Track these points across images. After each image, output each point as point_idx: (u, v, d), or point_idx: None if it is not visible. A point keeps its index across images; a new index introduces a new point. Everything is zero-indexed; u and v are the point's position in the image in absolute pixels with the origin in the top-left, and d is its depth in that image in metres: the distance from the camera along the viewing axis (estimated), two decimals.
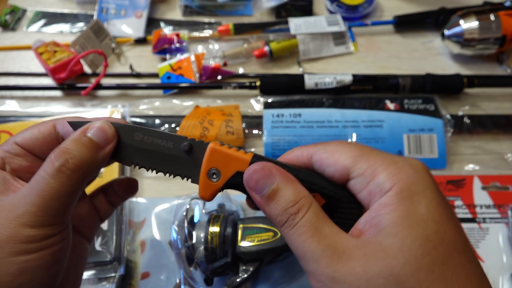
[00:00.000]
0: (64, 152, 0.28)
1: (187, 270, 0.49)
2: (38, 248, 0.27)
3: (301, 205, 0.26)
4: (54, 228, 0.28)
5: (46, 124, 0.32)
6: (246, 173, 0.28)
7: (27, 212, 0.27)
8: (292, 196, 0.26)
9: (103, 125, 0.30)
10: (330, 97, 0.67)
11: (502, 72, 0.72)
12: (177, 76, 0.70)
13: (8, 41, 0.77)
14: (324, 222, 0.25)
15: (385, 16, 0.81)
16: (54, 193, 0.27)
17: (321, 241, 0.24)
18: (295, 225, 0.25)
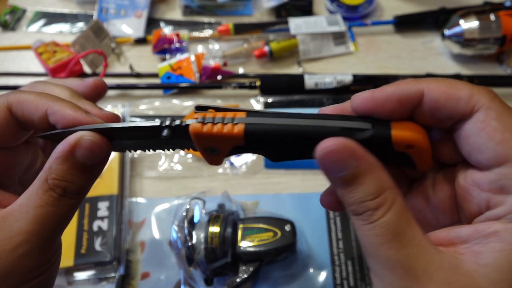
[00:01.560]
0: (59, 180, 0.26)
1: (187, 270, 0.49)
2: (39, 273, 0.26)
3: (382, 201, 0.21)
4: (52, 251, 0.27)
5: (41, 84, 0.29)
6: (320, 151, 0.21)
7: (25, 242, 0.25)
8: (373, 188, 0.21)
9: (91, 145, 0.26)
10: (330, 97, 0.67)
11: (502, 72, 0.72)
12: (177, 76, 0.70)
13: (8, 41, 0.77)
14: (406, 225, 0.21)
15: (385, 16, 0.81)
16: (53, 219, 0.26)
17: (400, 250, 0.20)
18: (371, 223, 0.21)
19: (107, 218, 0.54)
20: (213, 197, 0.56)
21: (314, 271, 0.52)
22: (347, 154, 0.21)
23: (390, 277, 0.20)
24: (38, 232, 0.25)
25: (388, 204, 0.21)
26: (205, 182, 0.60)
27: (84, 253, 0.52)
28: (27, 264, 0.25)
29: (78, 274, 0.52)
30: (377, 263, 0.21)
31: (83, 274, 0.52)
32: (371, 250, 0.21)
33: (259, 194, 0.59)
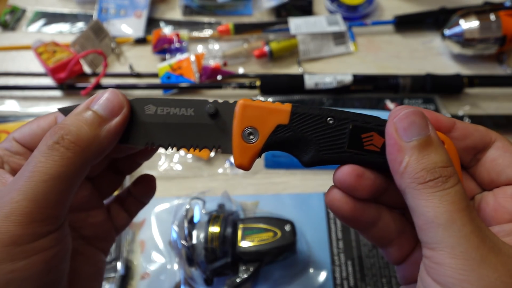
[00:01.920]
0: (60, 128, 0.23)
1: (187, 270, 0.49)
2: (27, 253, 0.21)
3: (453, 172, 0.22)
4: (46, 225, 0.22)
5: (46, 118, 0.27)
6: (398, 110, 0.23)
7: (11, 201, 0.21)
8: (445, 157, 0.22)
9: (109, 94, 0.25)
10: (330, 97, 0.67)
11: (502, 72, 0.72)
12: (177, 76, 0.70)
13: (8, 41, 0.77)
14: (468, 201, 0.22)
15: (385, 16, 0.81)
16: (45, 174, 0.22)
17: (473, 219, 0.21)
18: (444, 189, 0.21)
19: None
20: (213, 197, 0.56)
21: (314, 271, 0.52)
22: (424, 119, 0.23)
23: (465, 245, 0.20)
24: (26, 190, 0.22)
25: (457, 177, 0.22)
26: (205, 182, 0.60)
27: None
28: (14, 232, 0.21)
29: None
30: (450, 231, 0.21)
31: None
32: (444, 217, 0.21)
33: (259, 194, 0.59)
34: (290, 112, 0.25)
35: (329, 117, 0.25)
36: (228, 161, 0.62)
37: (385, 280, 0.51)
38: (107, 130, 0.24)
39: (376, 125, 0.25)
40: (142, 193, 0.34)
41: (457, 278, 0.20)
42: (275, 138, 0.26)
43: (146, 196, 0.35)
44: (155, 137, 0.27)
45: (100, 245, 0.32)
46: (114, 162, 0.32)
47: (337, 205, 0.25)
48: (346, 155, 0.25)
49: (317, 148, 0.25)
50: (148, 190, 0.34)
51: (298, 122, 0.25)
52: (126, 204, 0.34)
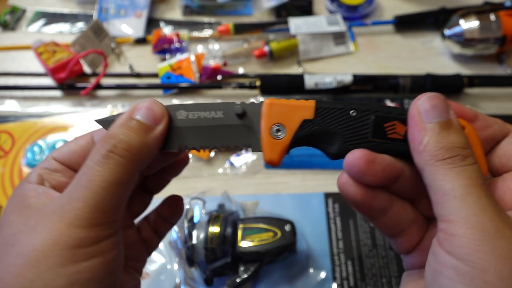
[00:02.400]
0: (111, 137, 0.25)
1: (187, 270, 0.49)
2: (89, 254, 0.23)
3: (470, 153, 0.23)
4: (106, 229, 0.24)
5: (84, 137, 0.29)
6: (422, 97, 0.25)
7: (73, 208, 0.23)
8: (463, 139, 0.24)
9: (150, 104, 0.27)
10: (330, 97, 0.67)
11: (502, 72, 0.72)
12: (177, 76, 0.70)
13: (8, 41, 0.77)
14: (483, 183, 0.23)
15: (385, 16, 0.81)
16: (103, 181, 0.23)
17: (488, 194, 0.22)
18: (461, 166, 0.23)
19: None
20: (213, 197, 0.56)
21: (314, 271, 0.52)
22: (447, 103, 0.24)
23: (481, 216, 0.21)
24: (87, 197, 0.23)
25: (474, 158, 0.23)
26: (205, 182, 0.60)
27: None
28: (78, 234, 0.22)
29: None
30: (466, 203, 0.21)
31: None
32: (460, 190, 0.22)
33: (259, 194, 0.59)
34: (314, 107, 0.27)
35: (351, 110, 0.26)
36: (228, 161, 0.62)
37: (385, 280, 0.51)
38: (154, 137, 0.26)
39: (398, 114, 0.26)
40: (170, 214, 0.35)
41: (471, 248, 0.20)
42: (302, 133, 0.27)
43: (173, 217, 0.35)
44: (188, 140, 0.28)
45: (133, 265, 0.33)
46: (143, 181, 0.33)
47: (348, 189, 0.25)
48: (371, 145, 0.26)
49: (342, 139, 0.27)
50: (175, 210, 0.35)
51: (322, 116, 0.27)
52: (155, 225, 0.35)
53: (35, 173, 0.27)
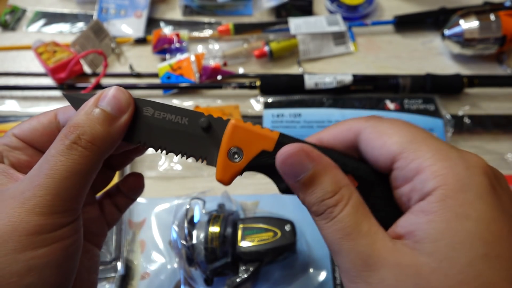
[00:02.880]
0: (75, 127, 0.25)
1: (187, 270, 0.49)
2: (48, 241, 0.23)
3: (340, 197, 0.23)
4: (66, 216, 0.24)
5: (47, 114, 0.29)
6: (279, 156, 0.24)
7: (35, 196, 0.23)
8: (330, 186, 0.23)
9: (116, 92, 0.26)
10: (330, 97, 0.67)
11: (502, 72, 0.72)
12: (177, 76, 0.70)
13: (8, 41, 0.77)
14: (363, 218, 0.23)
15: (385, 16, 0.81)
16: (66, 172, 0.24)
17: (358, 241, 0.22)
18: (332, 219, 0.23)
19: None
20: (213, 197, 0.56)
21: (314, 271, 0.52)
22: (303, 156, 0.23)
23: (353, 270, 0.22)
24: (48, 186, 0.23)
25: (346, 199, 0.23)
26: (205, 182, 0.60)
27: None
28: (37, 221, 0.23)
29: None
30: (342, 258, 0.23)
31: None
32: (335, 246, 0.23)
33: (259, 194, 0.59)
34: (276, 141, 0.26)
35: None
36: None
37: None
38: (118, 127, 0.26)
39: (354, 168, 0.26)
40: (131, 190, 0.35)
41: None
42: (258, 162, 0.27)
43: (134, 193, 0.36)
44: (148, 138, 0.28)
45: (94, 240, 0.33)
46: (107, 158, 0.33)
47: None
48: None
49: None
50: (136, 187, 0.36)
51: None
52: (116, 200, 0.35)
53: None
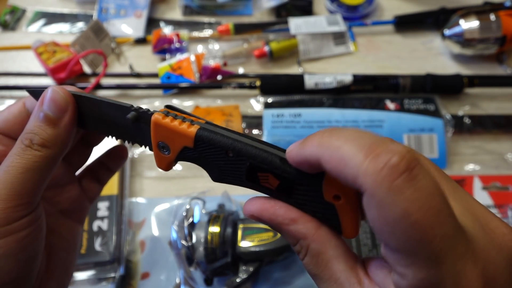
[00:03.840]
0: (28, 134, 0.28)
1: (187, 270, 0.49)
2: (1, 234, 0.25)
3: (299, 248, 0.25)
4: (20, 210, 0.26)
5: (16, 104, 0.31)
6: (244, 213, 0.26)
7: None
8: (289, 238, 0.25)
9: (52, 95, 0.28)
10: (330, 97, 0.67)
11: (502, 72, 0.72)
12: (177, 76, 0.70)
13: (8, 41, 0.77)
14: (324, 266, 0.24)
15: (385, 16, 0.81)
16: (21, 168, 0.26)
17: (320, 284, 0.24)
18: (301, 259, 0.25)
19: (107, 218, 0.54)
20: (213, 197, 0.56)
21: None
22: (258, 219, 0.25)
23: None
24: (4, 180, 0.26)
25: (304, 251, 0.24)
26: (205, 182, 0.60)
27: (84, 253, 0.52)
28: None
29: (78, 274, 0.52)
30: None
31: (83, 274, 0.52)
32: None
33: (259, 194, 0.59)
34: (193, 138, 0.26)
35: (229, 151, 0.26)
36: None
37: None
38: (63, 126, 0.28)
39: (273, 167, 0.25)
40: (114, 162, 0.37)
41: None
42: (184, 156, 0.27)
43: (117, 164, 0.38)
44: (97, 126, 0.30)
45: (76, 217, 0.35)
46: (82, 135, 0.35)
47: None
48: (244, 184, 0.27)
49: (220, 171, 0.27)
50: (119, 158, 0.37)
51: (202, 148, 0.26)
52: (96, 174, 0.37)
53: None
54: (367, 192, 0.18)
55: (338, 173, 0.20)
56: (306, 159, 0.22)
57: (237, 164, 0.26)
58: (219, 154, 0.26)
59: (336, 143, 0.20)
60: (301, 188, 0.24)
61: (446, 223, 0.18)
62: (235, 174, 0.26)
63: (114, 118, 0.29)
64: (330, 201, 0.24)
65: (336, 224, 0.25)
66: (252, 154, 0.25)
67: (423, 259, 0.18)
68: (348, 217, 0.24)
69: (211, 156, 0.26)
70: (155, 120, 0.27)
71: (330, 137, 0.20)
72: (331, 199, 0.24)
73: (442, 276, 0.18)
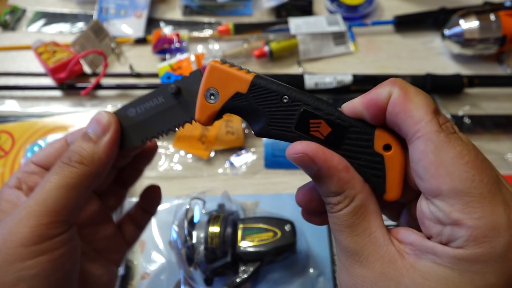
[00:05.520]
0: (68, 152, 0.29)
1: (187, 270, 0.49)
2: (33, 253, 0.25)
3: (342, 199, 0.24)
4: (52, 228, 0.26)
5: (59, 140, 0.32)
6: (287, 155, 0.25)
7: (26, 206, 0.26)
8: (334, 188, 0.24)
9: (98, 116, 0.30)
10: (330, 97, 0.67)
11: (502, 72, 0.72)
12: (177, 76, 0.70)
13: (8, 41, 0.77)
14: (362, 219, 0.24)
15: (385, 16, 0.81)
16: (56, 184, 0.26)
17: (350, 238, 0.24)
18: (332, 213, 0.25)
19: None
20: (213, 197, 0.56)
21: (314, 271, 0.52)
22: (307, 160, 0.24)
23: (341, 256, 0.25)
24: (38, 197, 0.26)
25: (347, 201, 0.24)
26: (205, 182, 0.60)
27: None
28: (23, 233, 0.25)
29: None
30: (336, 243, 0.25)
31: None
32: (333, 231, 0.25)
33: (259, 194, 0.59)
34: (250, 83, 0.26)
35: (284, 96, 0.26)
36: (228, 161, 0.62)
37: None
38: (103, 145, 0.29)
39: (327, 113, 0.25)
40: (149, 204, 0.39)
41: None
42: (232, 104, 0.27)
43: (152, 206, 0.39)
44: (146, 132, 0.30)
45: (111, 257, 0.36)
46: (119, 175, 0.37)
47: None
48: (291, 135, 0.26)
49: (267, 122, 0.26)
50: (154, 199, 0.39)
51: (255, 93, 0.26)
52: (134, 218, 0.39)
53: (14, 177, 0.31)
54: (427, 137, 0.22)
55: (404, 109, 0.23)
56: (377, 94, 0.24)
57: (290, 111, 0.26)
58: (273, 99, 0.26)
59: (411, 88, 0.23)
60: (353, 137, 0.25)
61: (490, 170, 0.21)
62: (284, 122, 0.26)
63: (159, 106, 0.30)
64: (379, 152, 0.25)
65: (381, 182, 0.25)
66: (308, 100, 0.25)
67: (476, 197, 0.20)
68: (395, 172, 0.25)
69: (263, 102, 0.26)
70: (213, 65, 0.27)
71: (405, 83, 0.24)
72: (381, 150, 0.25)
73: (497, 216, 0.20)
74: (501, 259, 0.20)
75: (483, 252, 0.20)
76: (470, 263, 0.20)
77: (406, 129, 0.23)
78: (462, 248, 0.21)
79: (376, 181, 0.25)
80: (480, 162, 0.21)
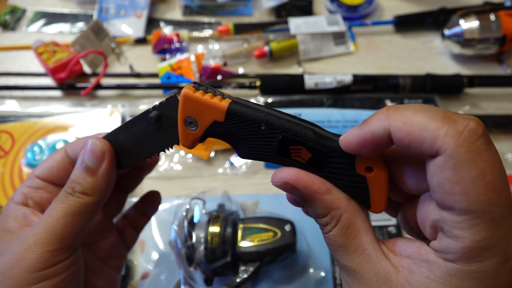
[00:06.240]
0: (71, 181, 0.30)
1: (187, 270, 0.49)
2: (37, 279, 0.26)
3: (329, 219, 0.25)
4: (58, 254, 0.27)
5: (58, 152, 0.33)
6: (272, 182, 0.26)
7: (34, 233, 0.27)
8: (320, 209, 0.25)
9: (91, 147, 0.31)
10: (330, 97, 0.67)
11: (502, 72, 0.72)
12: (177, 76, 0.70)
13: (8, 41, 0.77)
14: (352, 238, 0.24)
15: (385, 16, 0.81)
16: (63, 212, 0.28)
17: (344, 257, 0.24)
18: (324, 234, 0.25)
19: None
20: (213, 197, 0.56)
21: (314, 271, 0.52)
22: (290, 187, 0.25)
23: (342, 273, 0.25)
24: (45, 224, 0.27)
25: (334, 221, 0.24)
26: (205, 182, 0.60)
27: None
28: (33, 259, 0.26)
29: None
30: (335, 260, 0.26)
31: None
32: (330, 251, 0.26)
33: (259, 194, 0.59)
34: (225, 112, 0.26)
35: (262, 124, 0.25)
36: (228, 161, 0.62)
37: None
38: (101, 174, 0.30)
39: (306, 140, 0.25)
40: (148, 208, 0.40)
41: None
42: (212, 132, 0.27)
43: (151, 210, 0.40)
44: (136, 155, 0.31)
45: (114, 263, 0.37)
46: (119, 182, 0.37)
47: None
48: (274, 159, 0.26)
49: (249, 147, 0.26)
50: (153, 203, 0.40)
51: (233, 121, 0.26)
52: (133, 221, 0.39)
53: (19, 193, 0.31)
54: (447, 153, 0.19)
55: (413, 138, 0.21)
56: (372, 133, 0.22)
57: (269, 138, 0.26)
58: (251, 127, 0.26)
59: (407, 112, 0.21)
60: (334, 161, 0.25)
61: (507, 189, 0.20)
62: (265, 149, 0.26)
63: (144, 131, 0.30)
64: (361, 174, 0.25)
65: (365, 198, 0.25)
66: (286, 126, 0.25)
67: (486, 220, 0.19)
68: (378, 190, 0.25)
69: (242, 130, 0.26)
70: (186, 93, 0.26)
71: (397, 110, 0.22)
72: (363, 171, 0.25)
73: (497, 239, 0.20)
74: (492, 277, 0.20)
75: (474, 270, 0.20)
76: (461, 279, 0.20)
77: (427, 152, 0.21)
78: (453, 263, 0.21)
79: (360, 199, 0.25)
80: (500, 181, 0.19)
